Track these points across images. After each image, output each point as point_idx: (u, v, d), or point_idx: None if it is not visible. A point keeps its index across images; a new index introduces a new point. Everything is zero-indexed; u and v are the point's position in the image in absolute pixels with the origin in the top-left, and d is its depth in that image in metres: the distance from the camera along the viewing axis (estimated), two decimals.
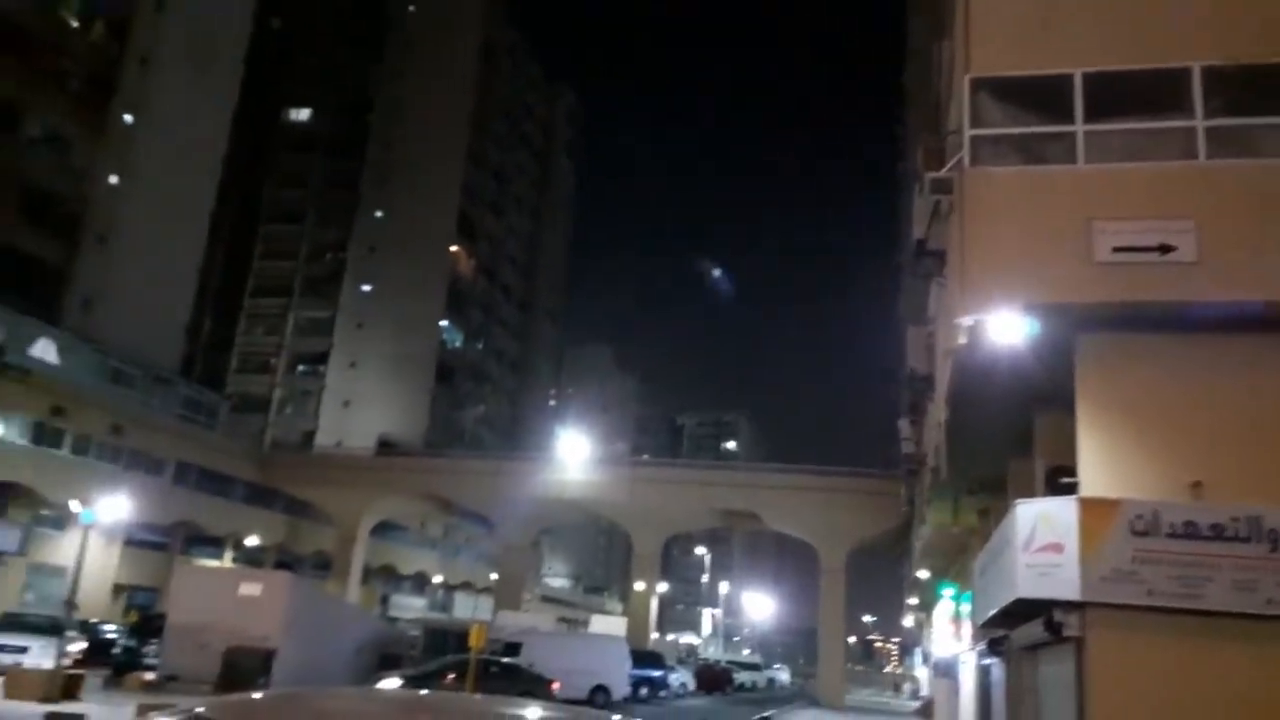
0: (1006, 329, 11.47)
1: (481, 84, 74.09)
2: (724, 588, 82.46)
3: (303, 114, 76.21)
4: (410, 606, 60.40)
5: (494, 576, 55.34)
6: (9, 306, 37.33)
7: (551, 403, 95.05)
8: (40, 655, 20.63)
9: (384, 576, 61.10)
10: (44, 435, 38.39)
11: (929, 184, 13.41)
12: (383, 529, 56.22)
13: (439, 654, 27.54)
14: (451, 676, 22.49)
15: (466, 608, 66.35)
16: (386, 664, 27.99)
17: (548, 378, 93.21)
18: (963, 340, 12.02)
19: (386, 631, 33.61)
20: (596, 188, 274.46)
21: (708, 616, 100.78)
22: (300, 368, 70.42)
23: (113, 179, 43.72)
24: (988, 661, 22.37)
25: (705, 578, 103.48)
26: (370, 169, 72.34)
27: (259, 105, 68.96)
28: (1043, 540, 11.38)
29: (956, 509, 20.58)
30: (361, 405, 66.36)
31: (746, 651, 76.06)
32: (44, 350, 39.08)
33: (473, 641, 21.29)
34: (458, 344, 72.63)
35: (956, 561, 25.97)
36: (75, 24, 42.76)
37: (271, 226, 73.43)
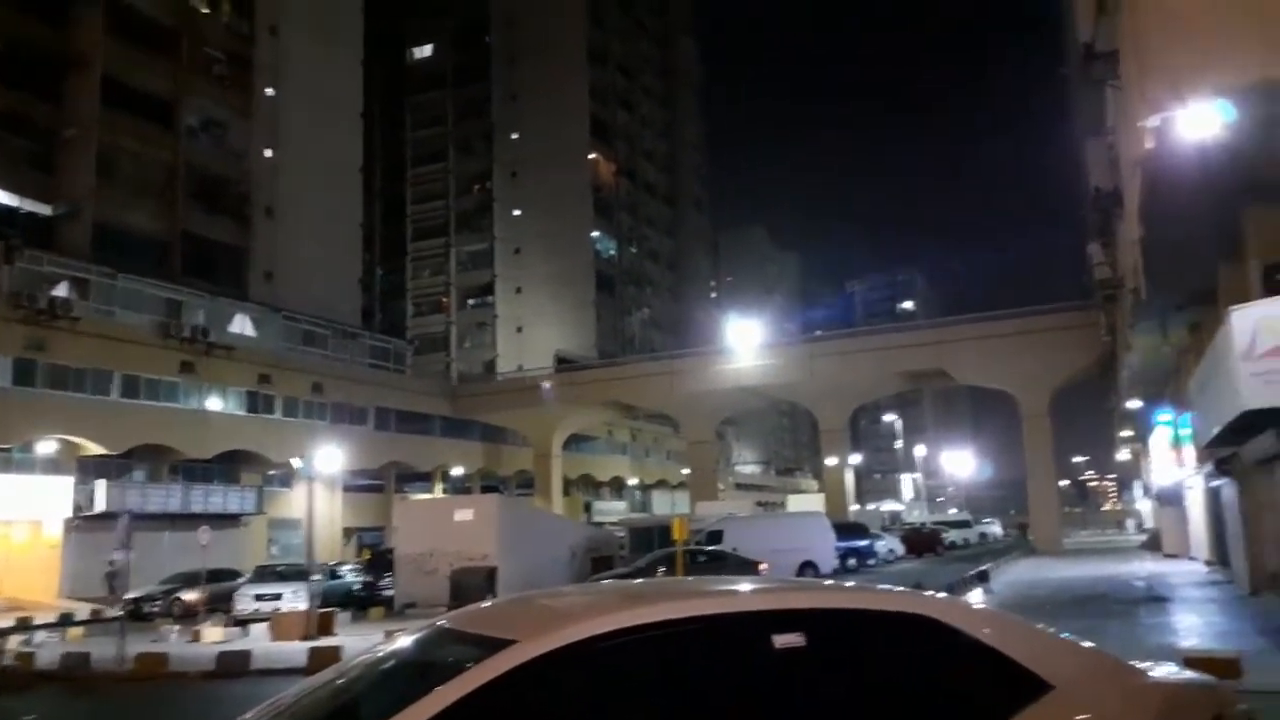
0: (1200, 122, 10.18)
1: None
2: (920, 450, 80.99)
3: (425, 50, 77.08)
4: (612, 510, 62.78)
5: (686, 471, 56.47)
6: (202, 290, 40.30)
7: (714, 294, 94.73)
8: (293, 599, 22.69)
9: (583, 485, 63.62)
10: (257, 403, 41.67)
11: None
12: (574, 441, 58.24)
13: (645, 550, 28.45)
14: (662, 569, 23.20)
15: (664, 504, 68.35)
16: (599, 566, 29.22)
17: (706, 269, 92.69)
18: (1150, 144, 10.81)
19: (595, 536, 34.97)
20: (725, 62, 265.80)
21: (907, 482, 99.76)
22: (470, 301, 72.99)
23: (267, 153, 45.86)
24: (1217, 483, 21.00)
25: (899, 444, 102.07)
26: (498, 91, 72.79)
27: (384, 52, 70.25)
28: (1265, 345, 10.36)
29: (1165, 328, 19.06)
30: (533, 327, 68.33)
31: (953, 511, 74.96)
32: (241, 325, 42.14)
33: (676, 534, 21.78)
34: (612, 252, 73.13)
35: (1170, 384, 24.25)
36: (205, 10, 44.47)
37: (418, 169, 75.47)
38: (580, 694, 2.50)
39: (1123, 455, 53.94)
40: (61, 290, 34.21)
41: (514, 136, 71.80)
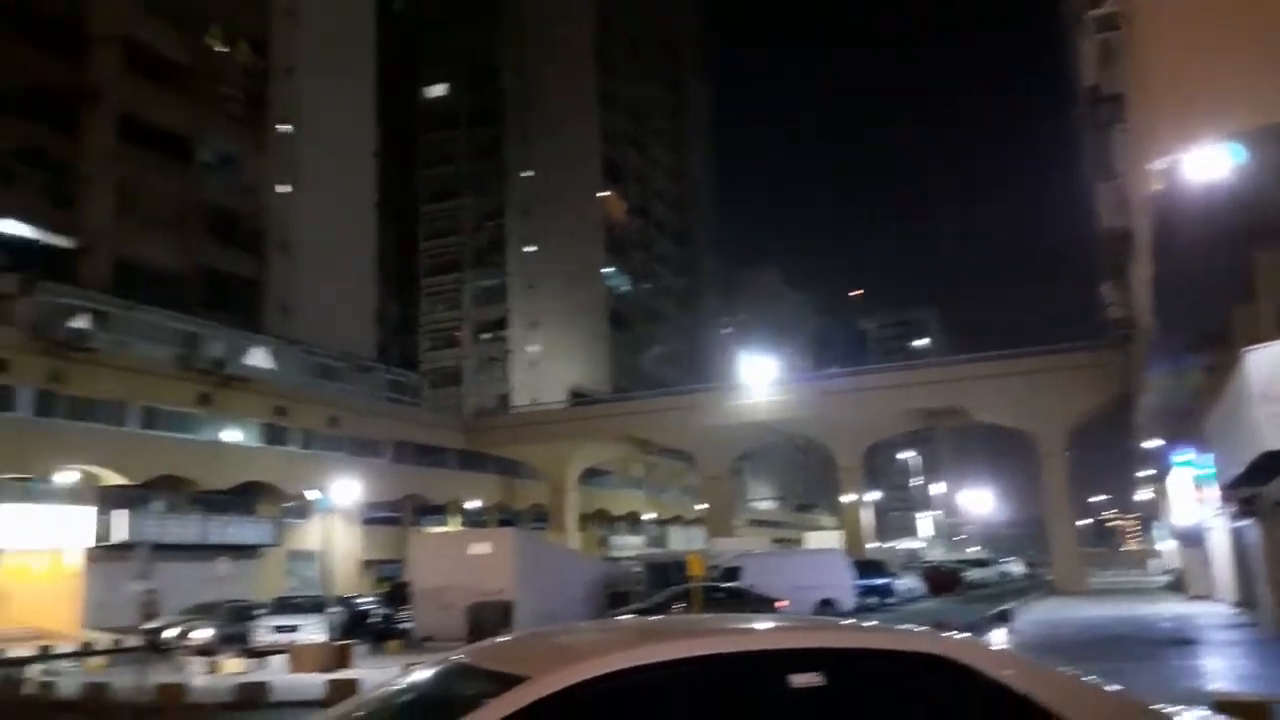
0: (1209, 163, 10.35)
1: (599, 19, 73.70)
2: (937, 488, 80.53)
3: (438, 90, 78.20)
4: (628, 545, 62.54)
5: (701, 507, 56.34)
6: (220, 323, 40.75)
7: (727, 330, 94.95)
8: (310, 631, 22.75)
9: (598, 520, 63.46)
10: (274, 435, 41.94)
11: (1093, 22, 12.23)
12: (589, 475, 58.24)
13: (662, 587, 28.34)
14: (679, 606, 23.14)
15: (681, 540, 68.02)
16: (615, 601, 29.11)
17: (718, 307, 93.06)
18: (1159, 185, 10.98)
19: (610, 571, 34.84)
20: (737, 101, 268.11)
21: (925, 519, 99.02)
22: (484, 336, 73.40)
23: (283, 188, 46.54)
24: (1240, 523, 20.88)
25: (917, 480, 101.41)
26: (511, 131, 73.79)
27: (398, 91, 71.43)
28: None
29: (1180, 369, 19.10)
30: (547, 362, 68.64)
31: (972, 550, 74.24)
32: (258, 358, 42.51)
33: (692, 570, 21.76)
34: (625, 288, 73.61)
35: (1189, 424, 24.21)
36: (223, 49, 45.40)
37: (431, 206, 76.28)
38: None
39: (1143, 495, 53.53)
40: (81, 322, 34.65)
41: (526, 175, 72.61)
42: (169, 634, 26.51)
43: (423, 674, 3.11)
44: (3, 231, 35.80)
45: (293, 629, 23.29)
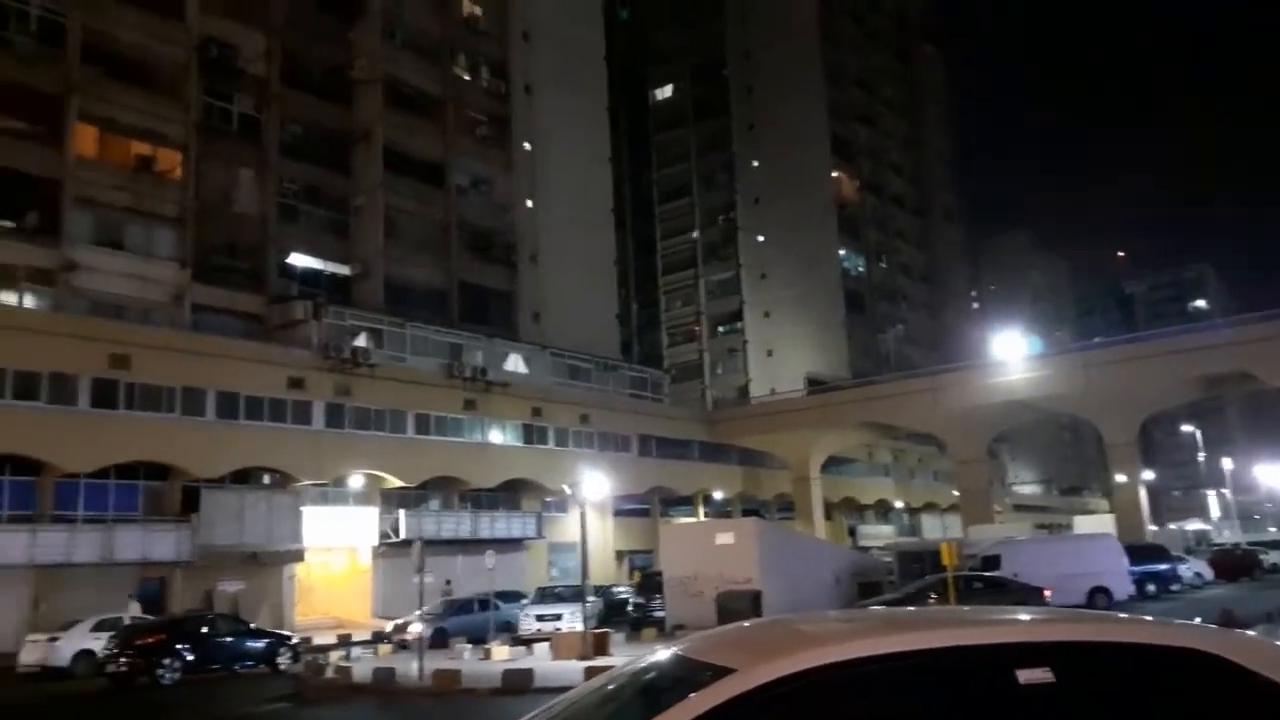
0: None
1: None
2: (1227, 464, 72.43)
3: (666, 91, 79.65)
4: (877, 534, 61.00)
5: (955, 493, 53.92)
6: (479, 333, 43.81)
7: (975, 305, 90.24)
8: (571, 620, 23.95)
9: (845, 509, 62.36)
10: (532, 434, 44.54)
11: None
12: (833, 463, 57.35)
13: (914, 577, 27.45)
14: (933, 597, 22.32)
15: (934, 528, 65.50)
16: (867, 592, 28.51)
17: (963, 280, 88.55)
18: None
19: (860, 561, 34.19)
20: (967, 62, 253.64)
21: (1212, 498, 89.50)
22: (720, 329, 74.04)
23: (528, 203, 49.27)
24: None
25: (1201, 457, 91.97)
26: (737, 122, 73.90)
27: (628, 97, 73.62)
28: None
29: None
30: (783, 350, 68.20)
31: (1272, 530, 66.24)
32: (514, 364, 45.31)
33: (946, 559, 20.94)
34: (860, 269, 71.75)
35: None
36: (467, 77, 48.69)
37: (665, 206, 77.86)
38: None
39: None
40: (361, 341, 38.38)
41: (754, 164, 72.43)
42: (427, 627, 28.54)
43: (640, 665, 3.10)
44: (292, 263, 40.38)
45: (556, 617, 24.58)
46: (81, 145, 33.80)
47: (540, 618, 24.97)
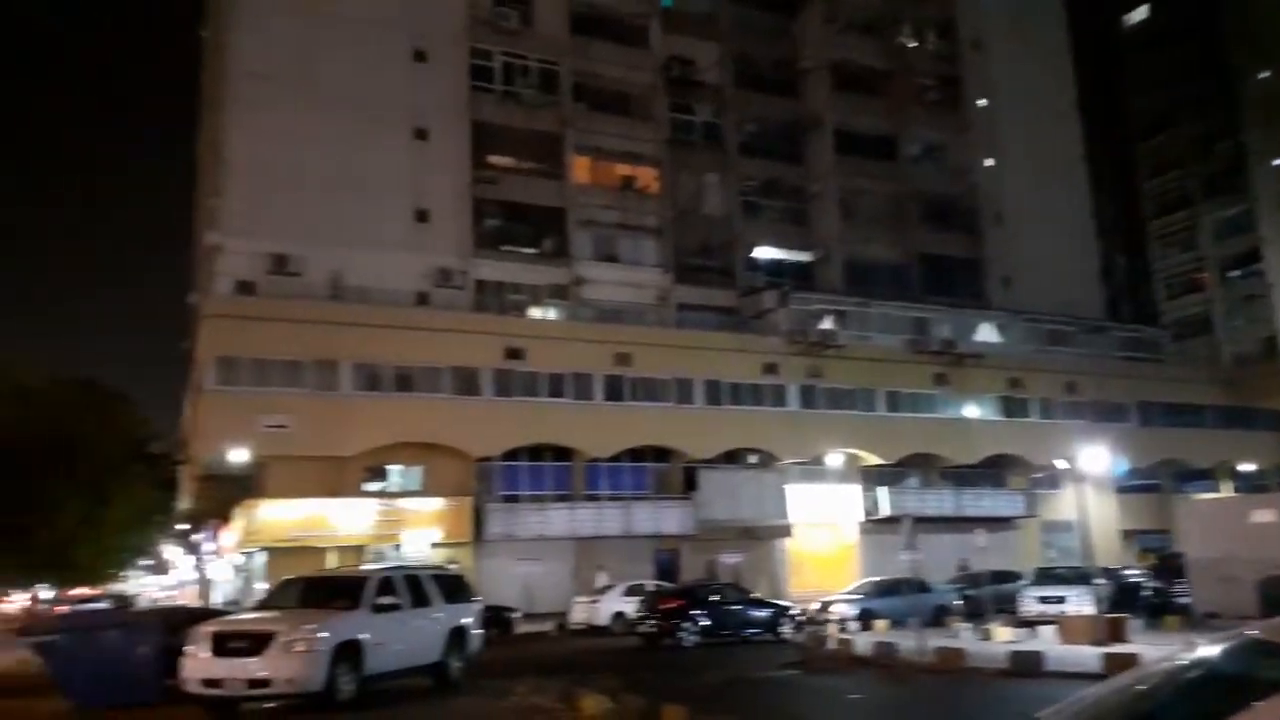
0: None
1: None
2: None
3: (1139, 13, 70.36)
4: None
5: None
6: (942, 305, 42.54)
7: None
8: (1076, 603, 22.30)
9: None
10: (1011, 407, 42.23)
11: None
12: None
13: None
14: None
15: None
16: None
17: None
18: None
19: None
20: None
21: None
22: (1231, 273, 63.61)
23: (988, 162, 46.70)
24: None
25: None
26: (1231, 31, 62.86)
27: (1089, 26, 66.12)
28: None
29: None
30: None
31: None
32: (986, 333, 43.31)
33: None
34: None
35: None
36: (912, 44, 47.49)
37: (1147, 142, 68.83)
38: None
39: None
40: (826, 323, 39.31)
41: (1262, 75, 61.05)
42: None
43: (1211, 650, 3.01)
44: (757, 256, 42.67)
45: (1059, 600, 23.11)
46: (578, 174, 38.92)
47: (1043, 599, 23.61)
